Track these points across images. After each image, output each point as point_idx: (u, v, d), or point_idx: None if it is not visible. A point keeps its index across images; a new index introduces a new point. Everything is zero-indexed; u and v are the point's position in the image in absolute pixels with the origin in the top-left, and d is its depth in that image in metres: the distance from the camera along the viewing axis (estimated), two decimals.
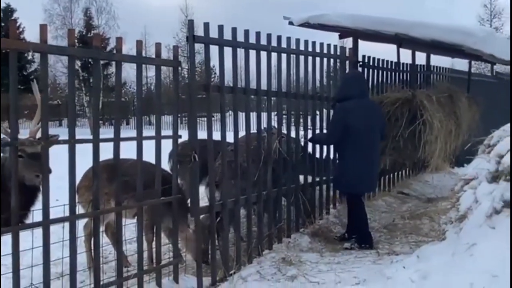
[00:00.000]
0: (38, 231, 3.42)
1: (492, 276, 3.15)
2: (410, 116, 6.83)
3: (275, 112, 5.69)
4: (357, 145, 5.49)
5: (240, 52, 4.91)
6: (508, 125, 3.98)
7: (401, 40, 6.82)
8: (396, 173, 8.58)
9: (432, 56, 8.79)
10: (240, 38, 4.90)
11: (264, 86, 5.34)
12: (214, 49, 4.67)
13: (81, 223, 4.35)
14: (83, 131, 23.48)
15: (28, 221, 3.56)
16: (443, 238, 4.46)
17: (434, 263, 3.87)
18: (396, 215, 6.89)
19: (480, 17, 37.73)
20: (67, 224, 3.53)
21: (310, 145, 6.16)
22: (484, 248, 3.42)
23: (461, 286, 3.18)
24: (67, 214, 3.50)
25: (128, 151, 4.14)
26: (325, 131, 6.42)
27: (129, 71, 30.55)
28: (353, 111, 5.51)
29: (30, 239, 3.69)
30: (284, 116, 5.96)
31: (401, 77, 8.41)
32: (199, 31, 4.55)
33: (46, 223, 3.33)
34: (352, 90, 5.64)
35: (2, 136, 3.39)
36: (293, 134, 5.93)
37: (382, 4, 48.01)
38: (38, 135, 3.45)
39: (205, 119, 4.69)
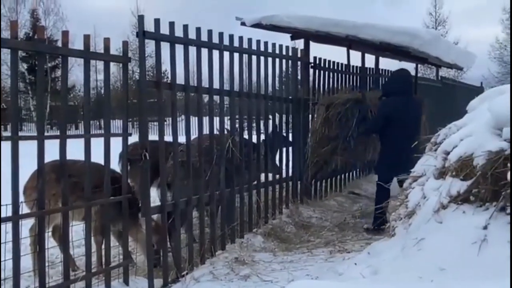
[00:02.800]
0: None
1: (440, 270, 3.21)
2: (361, 116, 6.96)
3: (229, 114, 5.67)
4: (396, 136, 6.01)
5: (192, 50, 4.85)
6: (455, 122, 4.10)
7: (351, 42, 6.94)
8: (347, 174, 8.71)
9: (380, 59, 9.02)
10: (192, 36, 4.85)
11: (216, 85, 5.30)
12: (165, 51, 4.59)
13: (27, 226, 4.15)
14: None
15: None
16: (393, 234, 4.54)
17: (385, 258, 3.92)
18: (348, 214, 6.98)
19: (426, 25, 38.92)
20: (10, 226, 3.37)
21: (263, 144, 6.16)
22: (432, 242, 3.49)
23: (410, 279, 3.24)
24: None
25: (76, 152, 4.00)
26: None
27: (78, 75, 29.87)
28: (395, 106, 6.11)
29: None
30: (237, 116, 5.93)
31: (351, 79, 8.55)
32: (150, 29, 4.45)
33: None
34: (397, 87, 6.24)
35: None
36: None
37: (328, 10, 49.01)
38: None
39: (157, 123, 4.59)
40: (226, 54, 5.38)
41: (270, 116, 6.40)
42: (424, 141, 4.50)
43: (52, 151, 3.67)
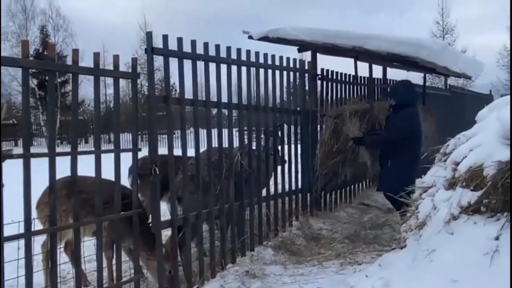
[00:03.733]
0: None
1: (452, 281, 3.19)
2: (369, 127, 6.96)
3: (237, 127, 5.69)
4: (411, 149, 5.95)
5: (200, 64, 4.89)
6: (464, 133, 4.10)
7: (357, 53, 6.96)
8: (356, 185, 8.69)
9: (388, 69, 9.03)
10: (200, 51, 4.89)
11: (225, 99, 5.34)
12: (173, 64, 4.65)
13: (39, 242, 4.19)
14: (40, 150, 22.83)
15: None
16: (404, 246, 4.52)
17: (396, 270, 3.90)
18: (358, 225, 6.95)
19: (433, 34, 38.94)
20: (22, 243, 3.40)
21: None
22: (444, 254, 3.47)
23: None
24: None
25: (86, 168, 4.03)
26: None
27: (87, 89, 30.12)
28: (415, 118, 6.12)
29: None
30: (245, 129, 5.95)
31: (359, 90, 8.57)
32: (158, 45, 4.51)
33: None
34: (412, 97, 6.21)
35: None
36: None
37: (334, 21, 49.29)
38: None
39: (166, 136, 4.61)
40: (234, 68, 5.43)
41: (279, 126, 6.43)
42: (434, 152, 4.49)
43: (63, 166, 3.71)
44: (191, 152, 4.89)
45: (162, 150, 4.59)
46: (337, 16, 52.72)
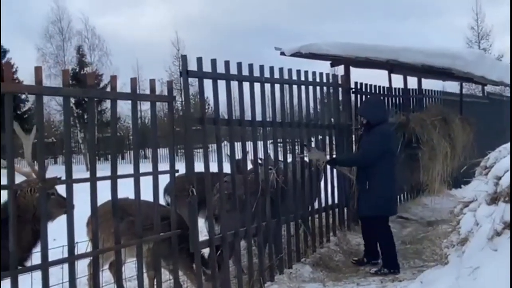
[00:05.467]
0: (37, 273, 3.38)
1: None
2: (406, 140, 6.87)
3: (271, 141, 5.71)
4: (389, 168, 5.73)
5: (234, 84, 4.95)
6: (505, 146, 4.01)
7: (392, 66, 6.91)
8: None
9: (423, 79, 8.90)
10: (233, 70, 4.95)
11: (258, 116, 5.38)
12: (207, 81, 4.72)
13: (85, 261, 4.28)
14: (78, 168, 23.35)
15: (28, 263, 3.52)
16: (446, 262, 4.43)
17: None
18: (397, 240, 6.83)
19: (468, 39, 38.24)
20: (66, 265, 3.50)
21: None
22: (488, 271, 3.39)
23: None
24: (66, 254, 3.47)
25: (124, 185, 4.11)
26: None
27: (122, 105, 30.69)
28: (390, 135, 5.92)
29: (29, 281, 3.63)
30: (279, 144, 5.96)
31: (394, 101, 8.48)
32: (191, 65, 4.58)
33: (45, 266, 3.29)
34: (384, 114, 6.05)
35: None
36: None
37: (364, 32, 49.11)
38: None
39: (201, 150, 4.68)
40: (267, 86, 5.47)
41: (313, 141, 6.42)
42: (473, 165, 4.40)
43: (101, 183, 3.79)
44: (226, 168, 4.94)
45: (198, 164, 4.63)
46: (364, 26, 52.57)
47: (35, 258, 3.52)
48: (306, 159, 6.14)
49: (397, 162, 6.04)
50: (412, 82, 8.63)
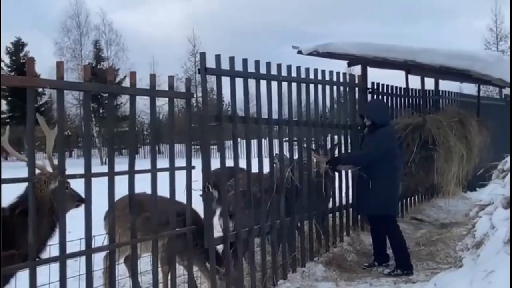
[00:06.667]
0: (55, 265, 3.43)
1: None
2: (422, 141, 6.84)
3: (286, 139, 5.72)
4: (391, 169, 5.78)
5: (251, 82, 4.97)
6: None
7: (409, 67, 6.87)
8: (408, 199, 8.54)
9: (440, 80, 8.84)
10: (251, 68, 4.96)
11: (275, 115, 5.39)
12: (224, 79, 4.74)
13: (100, 254, 4.33)
14: (93, 162, 23.50)
15: (45, 255, 3.57)
16: (460, 265, 4.41)
17: None
18: (411, 241, 6.82)
19: (486, 41, 37.87)
20: (83, 258, 3.54)
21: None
22: (503, 275, 3.37)
23: None
24: (82, 247, 3.52)
25: (140, 181, 4.15)
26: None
27: (138, 101, 30.93)
28: (394, 137, 6.03)
29: (46, 273, 3.69)
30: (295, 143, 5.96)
31: (410, 102, 8.43)
32: (208, 62, 4.59)
33: (63, 258, 3.34)
34: (388, 116, 6.18)
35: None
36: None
37: (375, 33, 48.99)
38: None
39: (216, 146, 4.70)
40: (284, 84, 5.48)
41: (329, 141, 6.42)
42: (490, 168, 4.38)
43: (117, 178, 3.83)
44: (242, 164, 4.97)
45: (214, 161, 4.65)
46: (378, 27, 52.44)
47: (51, 250, 3.56)
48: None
49: (399, 164, 6.11)
50: (429, 83, 8.58)
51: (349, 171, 6.40)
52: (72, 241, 3.51)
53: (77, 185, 3.81)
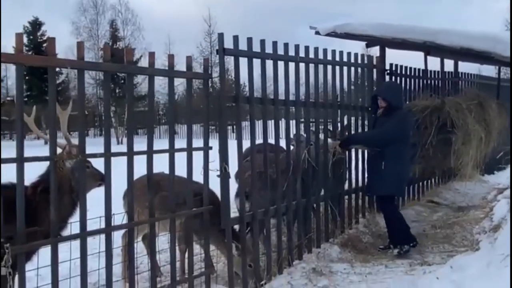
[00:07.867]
0: (75, 242, 3.50)
1: None
2: (440, 123, 6.78)
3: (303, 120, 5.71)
4: (404, 151, 5.86)
5: (269, 63, 4.96)
6: None
7: (429, 48, 6.78)
8: (425, 181, 8.50)
9: (460, 62, 8.71)
10: (268, 49, 4.94)
11: (292, 96, 5.38)
12: (242, 60, 4.72)
13: (119, 232, 4.41)
14: None
15: (66, 233, 3.65)
16: (477, 248, 4.41)
17: (469, 274, 3.83)
18: (427, 224, 6.81)
19: (506, 21, 37.07)
20: (102, 235, 3.61)
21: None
22: None
23: None
24: (102, 225, 3.58)
25: (156, 160, 4.18)
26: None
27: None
28: (409, 119, 6.09)
29: (67, 250, 3.77)
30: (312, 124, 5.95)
31: (429, 84, 8.34)
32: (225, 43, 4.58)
33: (83, 235, 3.41)
34: (402, 98, 6.28)
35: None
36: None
37: (401, 12, 48.19)
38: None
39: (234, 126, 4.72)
40: (302, 65, 5.46)
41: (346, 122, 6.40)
42: (509, 151, 4.35)
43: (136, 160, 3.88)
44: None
45: (231, 142, 4.66)
46: (393, 7, 51.61)
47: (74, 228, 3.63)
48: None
49: (410, 150, 6.17)
50: (448, 65, 8.47)
51: (365, 152, 6.38)
52: (91, 219, 3.57)
53: (96, 165, 3.88)
